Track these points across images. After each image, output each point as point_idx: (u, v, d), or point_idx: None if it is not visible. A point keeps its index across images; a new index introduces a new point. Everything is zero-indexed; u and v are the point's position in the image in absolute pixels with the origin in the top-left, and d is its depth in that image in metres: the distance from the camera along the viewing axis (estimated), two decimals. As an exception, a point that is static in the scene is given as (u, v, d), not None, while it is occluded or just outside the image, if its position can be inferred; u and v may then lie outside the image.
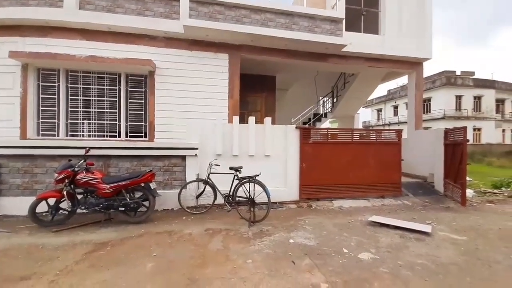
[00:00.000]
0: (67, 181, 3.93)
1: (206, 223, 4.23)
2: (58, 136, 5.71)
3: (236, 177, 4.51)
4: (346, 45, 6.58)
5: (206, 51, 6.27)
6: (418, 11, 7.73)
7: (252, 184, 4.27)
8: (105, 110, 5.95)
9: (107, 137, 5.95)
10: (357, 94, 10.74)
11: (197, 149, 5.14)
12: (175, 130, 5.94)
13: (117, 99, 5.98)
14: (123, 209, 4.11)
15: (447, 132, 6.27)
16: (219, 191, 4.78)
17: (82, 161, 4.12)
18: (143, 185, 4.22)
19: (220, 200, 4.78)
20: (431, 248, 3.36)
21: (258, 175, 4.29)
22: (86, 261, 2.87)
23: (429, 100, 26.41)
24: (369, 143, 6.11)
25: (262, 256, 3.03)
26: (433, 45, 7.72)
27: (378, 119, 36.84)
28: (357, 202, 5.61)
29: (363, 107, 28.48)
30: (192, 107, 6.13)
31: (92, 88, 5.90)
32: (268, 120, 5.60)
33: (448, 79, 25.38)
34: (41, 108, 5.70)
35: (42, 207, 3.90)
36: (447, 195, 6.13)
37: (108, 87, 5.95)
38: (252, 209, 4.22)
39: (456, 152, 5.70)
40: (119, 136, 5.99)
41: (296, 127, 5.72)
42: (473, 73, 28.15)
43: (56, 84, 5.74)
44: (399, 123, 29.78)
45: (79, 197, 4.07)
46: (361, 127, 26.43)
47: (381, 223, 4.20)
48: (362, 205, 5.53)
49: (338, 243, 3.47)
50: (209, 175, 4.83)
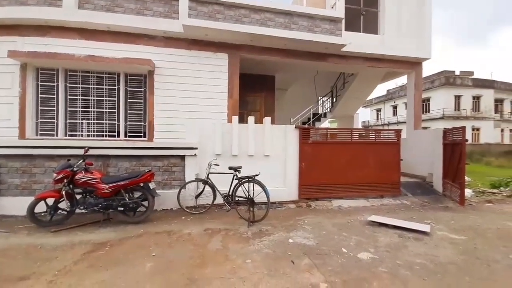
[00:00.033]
0: (66, 181, 3.92)
1: (206, 223, 4.23)
2: (57, 136, 5.70)
3: (235, 177, 4.52)
4: (346, 44, 6.58)
5: (206, 50, 6.27)
6: (417, 11, 7.74)
7: (251, 184, 4.27)
8: (104, 110, 5.93)
9: (106, 137, 5.93)
10: (356, 94, 10.75)
11: (196, 149, 5.13)
12: (174, 130, 5.93)
13: (116, 98, 5.97)
14: (122, 209, 4.11)
15: (446, 132, 6.29)
16: (218, 191, 4.79)
17: (81, 161, 4.11)
18: (142, 185, 4.22)
19: (220, 200, 4.78)
20: (429, 247, 3.37)
21: (257, 175, 4.29)
22: (85, 261, 2.87)
23: (428, 100, 26.44)
24: (368, 143, 6.12)
25: (261, 256, 3.04)
26: (433, 45, 7.75)
27: (378, 119, 36.89)
28: (356, 202, 5.62)
29: (362, 107, 28.54)
30: (192, 106, 6.12)
31: (91, 88, 5.89)
32: (267, 120, 5.60)
33: (447, 79, 25.43)
34: (40, 108, 5.68)
35: (41, 207, 3.89)
36: (446, 195, 6.15)
37: (107, 87, 5.94)
38: (252, 209, 4.22)
39: (455, 152, 5.71)
40: (118, 136, 5.97)
41: (295, 127, 5.72)
42: (472, 73, 28.19)
43: (55, 84, 5.72)
44: (398, 123, 29.83)
45: (78, 197, 4.07)
46: (360, 127, 26.44)
47: (380, 222, 4.21)
48: (361, 204, 5.54)
49: (337, 242, 3.47)
50: (208, 175, 4.83)
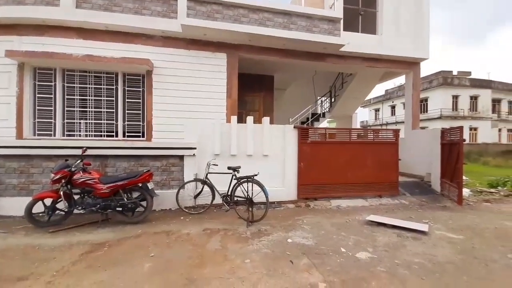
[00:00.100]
0: (63, 181, 3.90)
1: (204, 223, 4.23)
2: (54, 136, 5.67)
3: (234, 177, 4.52)
4: (344, 45, 6.60)
5: (204, 50, 6.26)
6: (415, 11, 7.76)
7: (250, 184, 4.27)
8: (102, 110, 5.91)
9: (104, 137, 5.91)
10: (355, 94, 10.76)
11: (195, 148, 5.12)
12: (173, 130, 5.92)
13: (114, 98, 5.94)
14: (120, 209, 4.09)
15: (443, 131, 6.32)
16: (217, 191, 4.78)
17: (79, 161, 4.09)
18: (140, 185, 4.21)
19: (218, 200, 4.77)
20: (428, 247, 3.38)
21: (256, 175, 4.29)
22: (83, 261, 2.86)
23: (426, 100, 26.55)
24: (366, 142, 6.13)
25: (260, 255, 3.04)
26: (432, 45, 7.83)
27: (376, 118, 36.99)
28: (354, 202, 5.64)
29: (361, 107, 28.64)
30: (190, 106, 6.11)
31: (89, 88, 5.86)
32: (266, 120, 5.60)
33: (445, 79, 25.54)
34: (37, 108, 5.64)
35: (39, 208, 3.87)
36: (443, 194, 6.17)
37: (105, 87, 5.91)
38: (250, 209, 4.22)
39: (453, 151, 5.74)
40: (116, 136, 5.95)
41: (294, 127, 5.73)
42: (469, 73, 28.34)
43: (53, 84, 5.69)
44: (397, 122, 29.92)
45: (76, 197, 4.05)
46: (359, 126, 26.52)
47: (378, 222, 4.23)
48: (360, 204, 5.56)
49: (336, 242, 3.48)
50: (207, 175, 4.82)
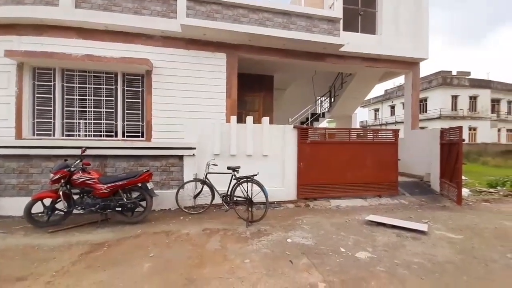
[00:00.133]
0: (63, 181, 3.90)
1: (204, 223, 4.22)
2: (53, 136, 5.66)
3: (234, 177, 4.52)
4: (344, 45, 6.60)
5: (204, 50, 6.25)
6: (414, 11, 7.77)
7: (250, 184, 4.27)
8: (102, 110, 5.90)
9: (103, 137, 5.90)
10: (354, 94, 10.77)
11: (194, 148, 5.12)
12: (172, 130, 5.91)
13: (113, 98, 5.93)
14: (120, 209, 4.08)
15: (443, 131, 6.32)
16: (217, 191, 4.78)
17: (78, 161, 4.08)
18: (140, 185, 4.20)
19: (218, 200, 4.77)
20: (427, 247, 3.38)
21: (256, 175, 4.29)
22: (83, 262, 2.85)
23: (425, 100, 26.58)
24: (366, 142, 6.13)
25: (260, 255, 3.04)
26: (431, 45, 7.82)
27: (375, 118, 37.02)
28: (354, 202, 5.64)
29: (360, 107, 28.68)
30: (190, 106, 6.11)
31: (89, 88, 5.85)
32: (266, 120, 5.60)
33: (444, 79, 25.58)
34: (36, 108, 5.63)
35: (38, 208, 3.86)
36: (443, 194, 6.18)
37: (104, 87, 5.90)
38: (250, 208, 4.22)
39: (452, 151, 5.75)
40: (115, 136, 5.94)
41: (293, 127, 5.73)
42: (469, 73, 28.40)
43: (52, 83, 5.68)
44: (396, 122, 29.94)
45: (75, 197, 4.04)
46: (358, 126, 26.54)
47: (378, 222, 4.23)
48: (359, 204, 5.56)
49: (335, 242, 3.48)
50: (206, 175, 4.82)
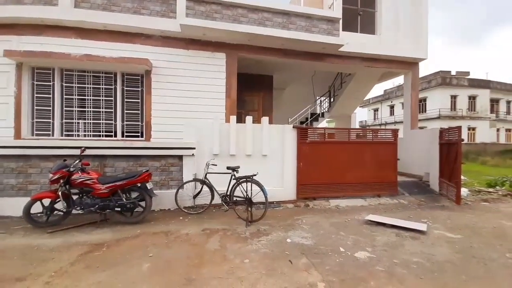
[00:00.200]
0: (62, 181, 3.89)
1: (203, 223, 4.22)
2: (53, 136, 5.65)
3: (233, 177, 4.52)
4: (343, 45, 6.60)
5: (203, 50, 6.25)
6: (414, 11, 7.78)
7: (249, 184, 4.28)
8: (101, 110, 5.89)
9: (103, 136, 5.89)
10: (353, 94, 10.79)
11: (194, 148, 5.12)
12: (172, 130, 5.90)
13: (113, 98, 5.93)
14: (119, 209, 4.08)
15: (442, 131, 6.33)
16: (216, 191, 4.77)
17: (78, 161, 4.07)
18: (139, 185, 4.19)
19: (218, 200, 4.77)
20: (426, 246, 3.39)
21: (255, 175, 4.29)
22: (82, 262, 2.85)
23: (424, 100, 26.64)
24: (365, 142, 6.14)
25: (259, 255, 3.04)
26: (430, 45, 7.80)
27: (375, 118, 37.08)
28: (353, 201, 5.64)
29: (359, 106, 28.66)
30: (189, 106, 6.10)
31: (88, 87, 5.84)
32: (265, 120, 5.60)
33: (443, 79, 25.64)
34: (35, 108, 5.62)
35: (37, 208, 3.86)
36: (442, 194, 6.19)
37: (104, 86, 5.89)
38: (250, 208, 4.22)
39: (451, 151, 5.76)
40: (115, 136, 5.94)
41: (293, 127, 5.73)
42: (468, 73, 28.47)
43: (51, 83, 5.67)
44: (395, 122, 30.00)
45: (75, 197, 4.03)
46: (357, 126, 26.56)
47: (377, 222, 4.23)
48: (359, 204, 5.56)
49: (335, 242, 3.48)
50: (206, 175, 4.81)
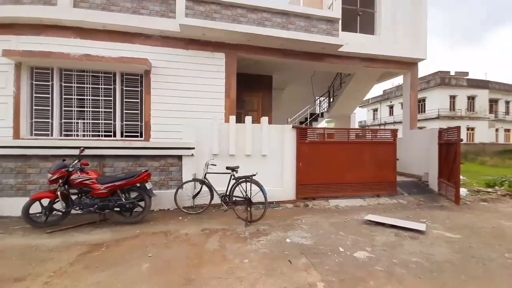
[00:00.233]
0: (61, 181, 3.88)
1: (203, 223, 4.22)
2: (51, 136, 5.63)
3: (232, 177, 4.51)
4: (342, 45, 6.61)
5: (203, 50, 6.25)
6: (413, 11, 7.80)
7: (249, 184, 4.28)
8: (100, 110, 5.88)
9: (102, 136, 5.88)
10: (353, 94, 10.80)
11: (193, 148, 5.11)
12: (171, 130, 5.90)
13: (112, 98, 5.92)
14: (118, 209, 4.07)
15: (441, 131, 6.35)
16: (215, 191, 4.77)
17: (77, 161, 4.07)
18: (138, 185, 4.19)
19: (217, 200, 4.77)
20: (425, 246, 3.39)
21: (254, 175, 4.30)
22: (81, 262, 2.84)
23: (423, 100, 26.69)
24: (365, 142, 6.15)
25: (258, 255, 3.04)
26: (432, 46, 8.02)
27: (374, 118, 37.13)
28: (353, 201, 5.65)
29: (359, 107, 28.69)
30: (189, 106, 6.10)
31: (87, 87, 5.83)
32: (264, 120, 5.60)
33: (442, 80, 25.70)
34: (34, 108, 5.61)
35: (36, 208, 3.85)
36: (441, 194, 6.21)
37: (103, 86, 5.88)
38: (249, 208, 4.22)
39: (450, 151, 5.77)
40: (114, 135, 5.93)
41: (292, 127, 5.73)
42: (467, 73, 28.53)
43: (50, 83, 5.66)
44: (395, 122, 30.06)
45: (74, 197, 4.03)
46: (357, 126, 26.60)
47: (376, 221, 4.24)
48: (358, 204, 5.57)
49: (334, 242, 3.49)
50: (205, 175, 4.81)
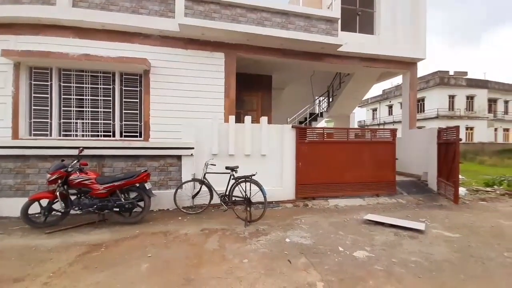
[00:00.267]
0: (60, 181, 3.87)
1: (202, 223, 4.22)
2: (50, 136, 5.63)
3: (232, 177, 4.51)
4: (342, 45, 6.62)
5: (202, 50, 6.24)
6: (412, 11, 7.81)
7: (248, 184, 4.28)
8: (99, 110, 5.88)
9: (101, 137, 5.88)
10: (352, 93, 10.82)
11: (193, 148, 5.11)
12: (170, 130, 5.89)
13: (111, 98, 5.91)
14: (117, 209, 4.06)
15: (440, 131, 6.36)
16: (215, 190, 4.77)
17: (76, 161, 4.06)
18: (138, 185, 4.18)
19: (216, 200, 4.76)
20: (424, 245, 3.40)
21: (254, 175, 4.30)
22: (80, 262, 2.84)
23: (423, 99, 26.74)
24: (364, 142, 6.15)
25: (258, 255, 3.04)
26: (432, 45, 8.07)
27: (373, 118, 37.17)
28: (352, 201, 5.65)
29: (358, 106, 28.72)
30: (188, 106, 6.09)
31: (86, 87, 5.82)
32: (264, 120, 5.60)
33: (441, 79, 25.74)
34: (33, 108, 5.60)
35: (35, 208, 3.84)
36: (440, 193, 6.22)
37: (102, 86, 5.88)
38: (249, 208, 4.22)
39: (449, 151, 5.78)
40: (113, 136, 5.92)
41: (292, 127, 5.73)
42: (466, 73, 28.58)
43: (49, 83, 5.65)
44: (394, 122, 30.08)
45: (73, 198, 4.02)
46: (356, 126, 26.63)
47: (376, 221, 4.24)
48: (358, 203, 5.58)
49: (333, 241, 3.49)
50: (205, 174, 4.81)
